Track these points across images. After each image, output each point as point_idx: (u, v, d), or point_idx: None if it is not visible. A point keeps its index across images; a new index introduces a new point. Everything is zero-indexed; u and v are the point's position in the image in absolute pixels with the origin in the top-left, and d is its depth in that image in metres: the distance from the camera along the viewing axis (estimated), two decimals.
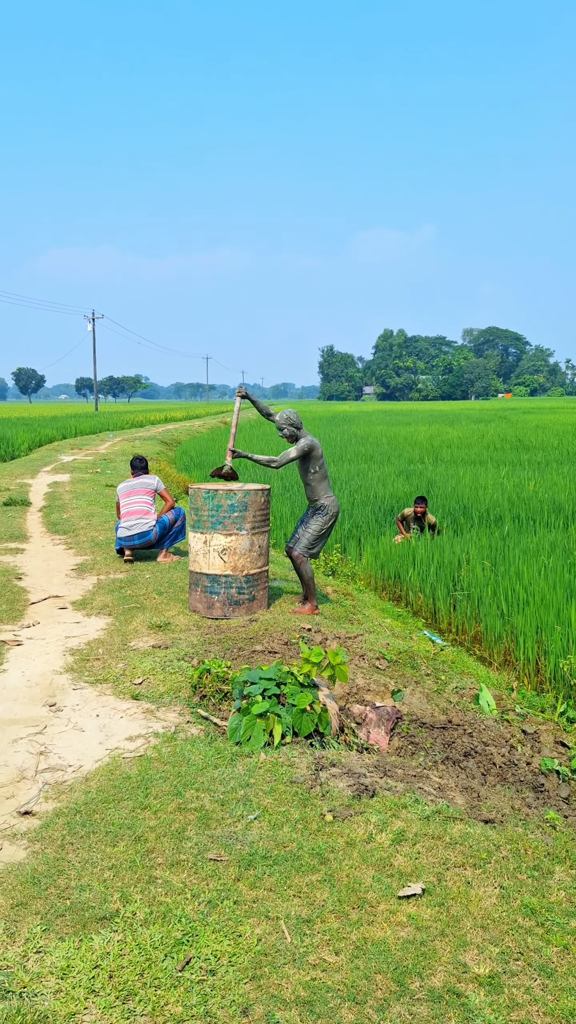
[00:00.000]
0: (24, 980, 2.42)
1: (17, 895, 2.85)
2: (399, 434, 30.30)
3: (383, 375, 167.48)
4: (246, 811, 3.41)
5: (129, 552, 8.47)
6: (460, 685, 5.68)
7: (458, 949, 2.57)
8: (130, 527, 8.36)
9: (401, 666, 5.69)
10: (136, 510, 8.41)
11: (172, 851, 3.11)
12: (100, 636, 6.09)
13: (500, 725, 5.04)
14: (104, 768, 3.88)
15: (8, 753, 4.11)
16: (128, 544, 8.41)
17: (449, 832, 3.27)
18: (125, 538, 8.39)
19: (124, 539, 8.40)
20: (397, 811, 3.44)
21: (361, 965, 2.48)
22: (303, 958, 2.51)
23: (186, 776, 3.74)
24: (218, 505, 6.41)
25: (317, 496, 6.73)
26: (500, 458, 20.27)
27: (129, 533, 8.36)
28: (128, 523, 8.37)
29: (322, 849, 3.12)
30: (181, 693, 4.94)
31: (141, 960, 2.49)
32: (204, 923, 2.67)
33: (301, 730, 4.26)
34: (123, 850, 3.12)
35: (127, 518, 8.40)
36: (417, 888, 2.86)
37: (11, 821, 3.43)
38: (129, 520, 8.38)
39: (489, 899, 2.83)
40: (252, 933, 2.62)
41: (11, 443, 25.11)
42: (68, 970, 2.45)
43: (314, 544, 6.73)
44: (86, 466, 19.86)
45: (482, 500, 13.01)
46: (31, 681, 5.15)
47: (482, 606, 8.05)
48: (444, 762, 4.58)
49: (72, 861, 3.06)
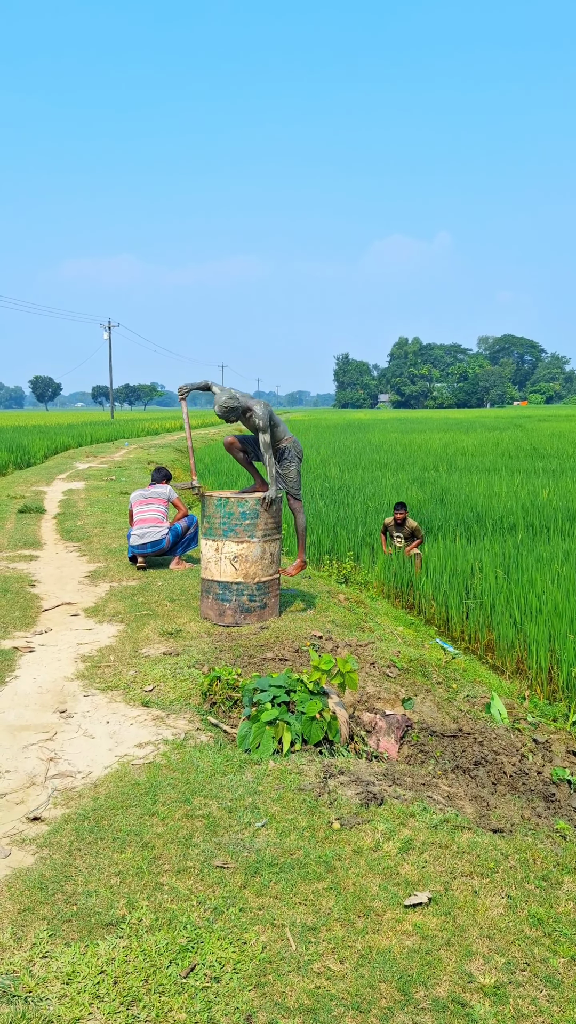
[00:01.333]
0: (29, 985, 2.43)
1: (24, 900, 2.86)
2: (413, 442, 30.26)
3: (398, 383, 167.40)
4: (253, 818, 3.42)
5: (142, 559, 8.51)
6: (472, 694, 5.67)
7: (464, 959, 2.56)
8: (142, 535, 8.41)
9: (412, 674, 5.68)
10: (149, 518, 8.46)
11: (179, 858, 3.12)
12: (112, 643, 6.12)
13: (511, 734, 5.02)
14: (113, 775, 3.90)
15: (19, 759, 4.13)
16: (140, 552, 8.45)
17: (457, 841, 3.26)
18: (138, 546, 8.43)
19: (136, 547, 8.44)
20: (405, 819, 3.43)
21: (366, 974, 2.48)
22: (308, 966, 2.51)
23: (194, 783, 3.75)
24: (230, 512, 6.43)
25: (279, 441, 6.84)
26: (515, 466, 20.20)
27: (142, 541, 8.41)
28: (140, 531, 8.42)
29: (329, 857, 3.12)
30: (191, 700, 4.95)
31: (146, 966, 2.50)
32: (209, 930, 2.67)
33: (310, 738, 4.26)
34: (130, 856, 3.13)
35: (140, 526, 8.45)
36: (423, 897, 2.85)
37: (20, 827, 3.45)
38: (142, 528, 8.43)
39: (496, 909, 2.82)
40: (257, 940, 2.62)
41: (27, 451, 25.27)
42: (73, 975, 2.46)
43: (299, 487, 6.96)
44: (101, 473, 19.96)
45: (496, 508, 12.96)
46: (42, 687, 5.18)
47: (495, 614, 8.02)
48: (454, 771, 4.56)
49: (79, 867, 3.07)
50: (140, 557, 8.50)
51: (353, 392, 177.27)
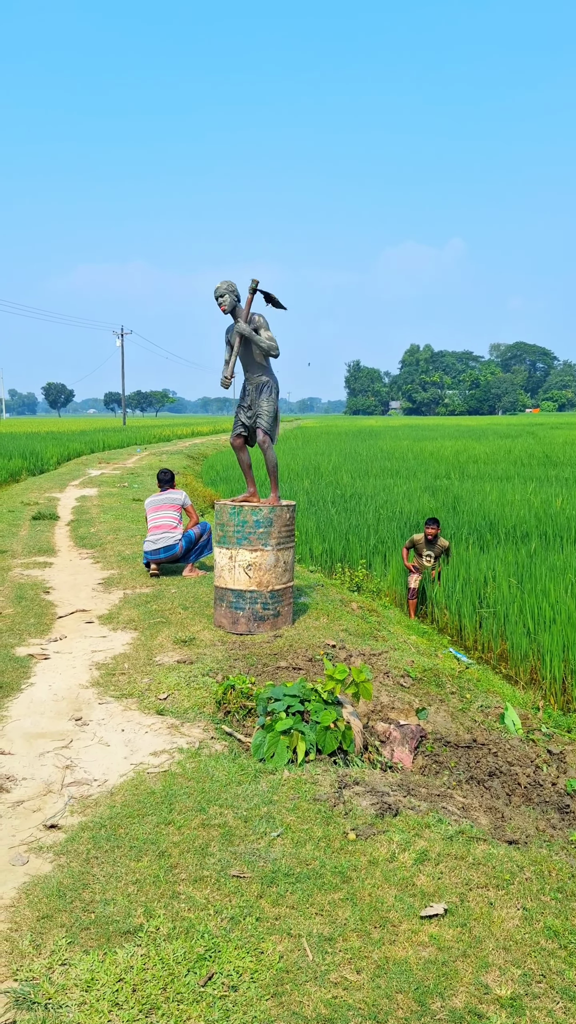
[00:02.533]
0: (49, 992, 2.45)
1: (43, 907, 2.89)
2: (425, 449, 30.24)
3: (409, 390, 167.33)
4: (269, 828, 3.43)
5: (155, 566, 8.55)
6: (485, 704, 5.66)
7: (480, 970, 2.56)
8: (156, 541, 8.45)
9: (426, 684, 5.69)
10: (162, 524, 8.50)
11: (195, 867, 3.14)
12: (126, 651, 6.15)
13: (525, 745, 5.02)
14: (129, 783, 3.92)
15: (35, 767, 4.17)
16: (154, 558, 8.49)
17: (472, 852, 3.26)
18: (151, 552, 8.47)
19: (150, 553, 8.49)
20: (420, 830, 3.44)
21: (382, 984, 2.49)
22: (324, 976, 2.52)
23: (210, 792, 3.76)
24: (244, 521, 6.46)
25: (263, 371, 6.77)
26: (527, 474, 20.16)
27: (155, 547, 8.45)
28: (154, 537, 8.47)
29: (344, 867, 3.13)
30: (205, 709, 4.97)
31: (164, 975, 2.52)
32: (227, 939, 2.69)
33: (325, 748, 4.27)
34: (147, 865, 3.15)
35: (153, 532, 8.50)
36: (439, 908, 2.86)
37: (37, 834, 3.48)
38: (155, 534, 8.48)
39: (512, 920, 2.82)
40: (274, 950, 2.64)
41: (40, 457, 25.41)
42: (92, 983, 2.48)
43: (275, 426, 6.85)
44: (113, 480, 20.05)
45: (509, 516, 12.94)
46: (58, 695, 5.21)
47: (508, 624, 8.01)
48: (468, 781, 4.57)
49: (97, 875, 3.09)
50: (154, 563, 8.54)
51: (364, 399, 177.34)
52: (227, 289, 6.51)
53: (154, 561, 8.53)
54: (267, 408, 6.75)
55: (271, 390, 6.77)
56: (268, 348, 6.55)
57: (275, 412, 6.81)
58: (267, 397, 6.75)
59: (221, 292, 6.51)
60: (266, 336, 6.56)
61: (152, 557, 8.50)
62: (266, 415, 6.75)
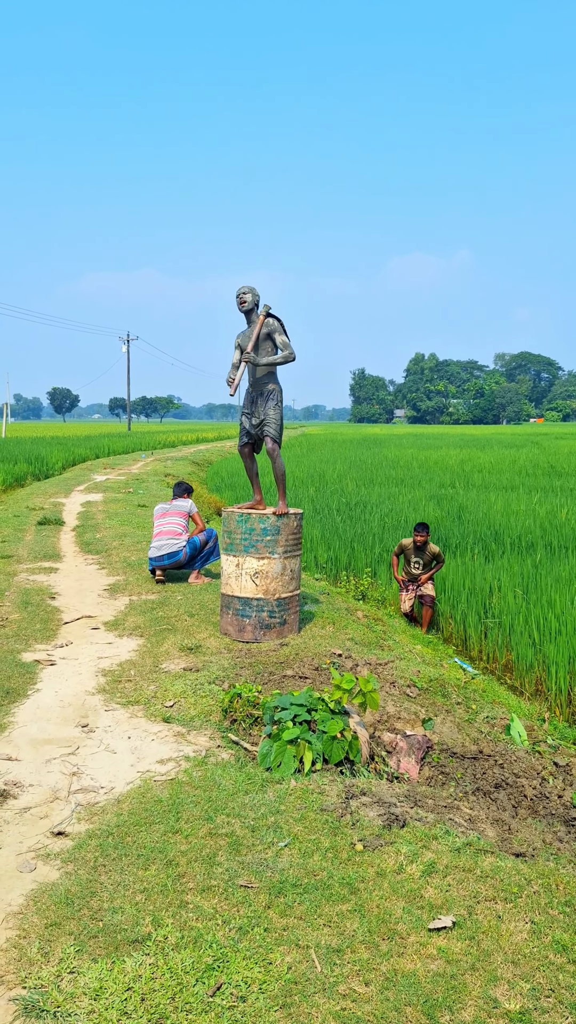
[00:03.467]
0: (58, 1000, 2.45)
1: (51, 915, 2.89)
2: (430, 458, 30.24)
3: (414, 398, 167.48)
4: (276, 838, 3.43)
5: (160, 572, 8.56)
6: (491, 715, 5.66)
7: (489, 983, 2.56)
8: (160, 547, 8.47)
9: (432, 694, 5.69)
10: (167, 531, 8.53)
11: (203, 876, 3.14)
12: (132, 657, 6.15)
13: (531, 757, 5.01)
14: (136, 791, 3.92)
15: (41, 773, 4.17)
16: (158, 564, 8.50)
17: (480, 865, 3.26)
18: (155, 558, 8.49)
19: (155, 559, 8.50)
20: (428, 842, 3.43)
21: (391, 997, 2.49)
22: (333, 988, 2.52)
23: (217, 801, 3.76)
24: (251, 528, 6.47)
25: (270, 378, 6.82)
26: (532, 484, 20.15)
27: (159, 553, 8.47)
28: (159, 543, 8.49)
29: (352, 879, 3.13)
30: (212, 717, 4.97)
31: (173, 984, 2.51)
32: (235, 949, 2.69)
33: (331, 757, 4.27)
34: (155, 874, 3.15)
35: (158, 538, 8.53)
36: (447, 921, 2.85)
37: (45, 841, 3.48)
38: (160, 540, 8.50)
39: (520, 934, 2.82)
40: (282, 961, 2.64)
41: (45, 462, 25.46)
42: (101, 992, 2.48)
43: (281, 433, 6.90)
44: (119, 486, 20.08)
45: (514, 526, 12.94)
46: (64, 701, 5.22)
47: (513, 634, 8.00)
48: (475, 793, 4.56)
49: (104, 883, 3.10)
50: (159, 570, 8.55)
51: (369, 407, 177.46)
52: (250, 290, 6.70)
53: (159, 567, 8.54)
54: (273, 416, 6.77)
55: (277, 397, 6.80)
56: (284, 361, 6.61)
57: (281, 420, 6.84)
58: (273, 405, 6.78)
59: (245, 291, 6.68)
60: (280, 342, 6.60)
61: (157, 564, 8.51)
62: (272, 423, 6.78)
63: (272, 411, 6.77)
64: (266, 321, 6.60)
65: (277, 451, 6.81)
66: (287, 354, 6.62)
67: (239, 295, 6.68)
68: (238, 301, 6.68)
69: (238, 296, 6.68)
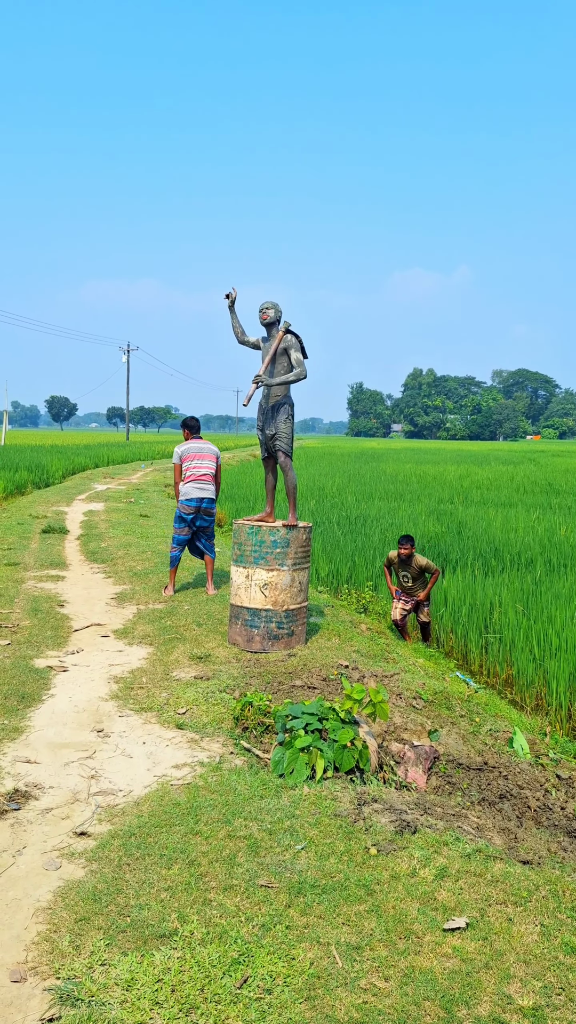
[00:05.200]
0: (92, 990, 2.57)
1: (80, 910, 3.00)
2: (428, 473, 30.44)
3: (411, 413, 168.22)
4: (293, 841, 3.55)
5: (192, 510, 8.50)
6: (494, 728, 5.78)
7: (502, 981, 2.68)
8: (202, 488, 8.46)
9: (437, 706, 5.81)
10: (205, 475, 8.52)
11: (224, 876, 3.25)
12: (142, 665, 6.27)
13: (535, 769, 5.13)
14: (154, 794, 4.04)
15: (61, 776, 4.28)
16: (200, 505, 8.46)
17: (490, 870, 3.38)
18: (197, 499, 8.44)
19: (195, 499, 8.44)
20: (439, 848, 3.55)
21: (410, 992, 2.60)
22: (354, 982, 2.64)
23: (233, 805, 3.88)
24: (261, 540, 6.60)
25: (287, 391, 6.99)
26: (530, 501, 20.33)
27: (202, 495, 8.45)
28: (200, 485, 8.47)
29: (368, 881, 3.25)
30: (224, 724, 5.09)
31: (201, 976, 2.63)
32: (259, 945, 2.80)
33: (342, 765, 4.39)
34: (178, 872, 3.27)
35: (199, 480, 8.48)
36: (461, 922, 2.97)
37: (68, 841, 3.59)
38: (201, 483, 8.48)
39: (531, 936, 2.94)
40: (305, 957, 2.76)
41: (46, 470, 25.57)
42: (132, 983, 2.60)
43: (292, 446, 7.05)
44: (120, 495, 20.20)
45: (513, 543, 13.09)
46: (78, 707, 5.33)
47: (514, 650, 8.13)
48: (480, 803, 4.68)
49: (129, 881, 3.21)
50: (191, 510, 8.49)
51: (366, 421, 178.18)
52: (273, 305, 6.89)
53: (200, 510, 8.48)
54: (285, 430, 6.93)
55: (288, 411, 6.95)
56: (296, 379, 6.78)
57: (292, 433, 6.99)
58: (284, 419, 6.93)
59: (268, 306, 6.88)
60: (294, 359, 6.76)
61: (197, 505, 8.45)
62: (284, 437, 6.93)
63: (283, 425, 6.92)
64: (284, 337, 6.76)
65: (289, 464, 6.96)
66: (299, 372, 6.77)
67: (262, 309, 6.86)
68: (260, 315, 6.85)
69: (261, 310, 6.86)
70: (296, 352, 6.77)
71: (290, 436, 6.95)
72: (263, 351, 6.90)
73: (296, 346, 6.79)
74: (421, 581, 8.96)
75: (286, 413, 6.93)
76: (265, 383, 6.74)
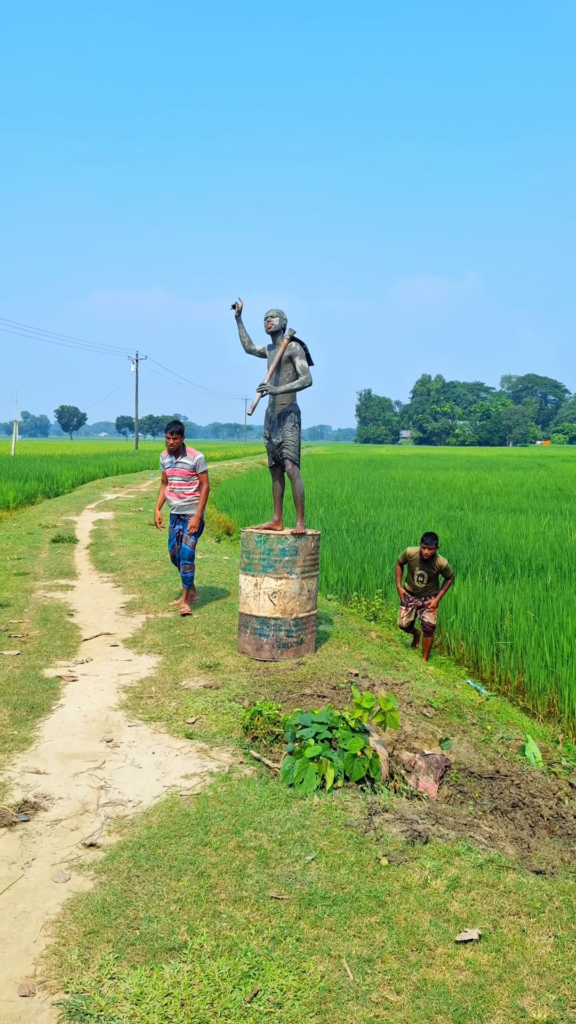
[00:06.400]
0: (100, 1004, 2.54)
1: (89, 923, 2.98)
2: (437, 479, 30.38)
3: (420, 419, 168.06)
4: (303, 852, 3.52)
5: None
6: (506, 736, 5.74)
7: (516, 994, 2.64)
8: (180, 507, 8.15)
9: (448, 714, 5.77)
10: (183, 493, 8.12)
11: (234, 887, 3.23)
12: (152, 674, 6.25)
13: (547, 777, 5.08)
14: (163, 804, 4.02)
15: (70, 786, 4.26)
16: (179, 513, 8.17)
17: (503, 881, 3.34)
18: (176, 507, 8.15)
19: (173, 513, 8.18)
20: (451, 858, 3.52)
21: (422, 1005, 2.57)
22: (366, 996, 2.61)
23: (243, 815, 3.86)
24: (270, 548, 6.59)
25: (293, 399, 6.98)
26: (541, 507, 20.25)
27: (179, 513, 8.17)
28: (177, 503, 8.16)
29: (379, 892, 3.21)
30: (233, 734, 5.07)
31: (211, 990, 2.60)
32: (269, 958, 2.78)
33: (352, 775, 4.36)
34: (187, 884, 3.25)
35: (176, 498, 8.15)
36: (474, 933, 2.94)
37: (77, 852, 3.58)
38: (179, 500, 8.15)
39: (544, 947, 2.90)
40: (315, 970, 2.73)
41: (56, 480, 25.66)
42: (142, 997, 2.57)
43: (299, 453, 7.04)
44: (129, 504, 20.23)
45: (524, 549, 13.03)
46: (87, 717, 5.32)
47: (526, 657, 8.08)
48: (492, 812, 4.64)
49: (139, 893, 3.19)
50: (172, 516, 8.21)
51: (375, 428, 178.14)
52: (277, 313, 6.88)
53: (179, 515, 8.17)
54: (291, 438, 6.92)
55: (294, 419, 6.94)
56: (301, 387, 6.76)
57: (299, 441, 6.99)
58: (291, 427, 6.92)
59: (272, 314, 6.87)
60: (299, 367, 6.75)
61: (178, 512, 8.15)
62: (291, 445, 6.92)
63: (290, 433, 6.91)
64: (289, 345, 6.76)
65: (297, 472, 6.95)
66: (303, 379, 6.77)
67: (267, 317, 6.86)
68: (265, 323, 6.84)
69: (266, 318, 6.85)
70: (301, 360, 6.76)
71: (297, 444, 6.95)
72: (268, 359, 6.90)
73: (301, 353, 6.78)
74: (434, 584, 8.40)
75: (292, 421, 6.92)
76: (270, 391, 6.75)
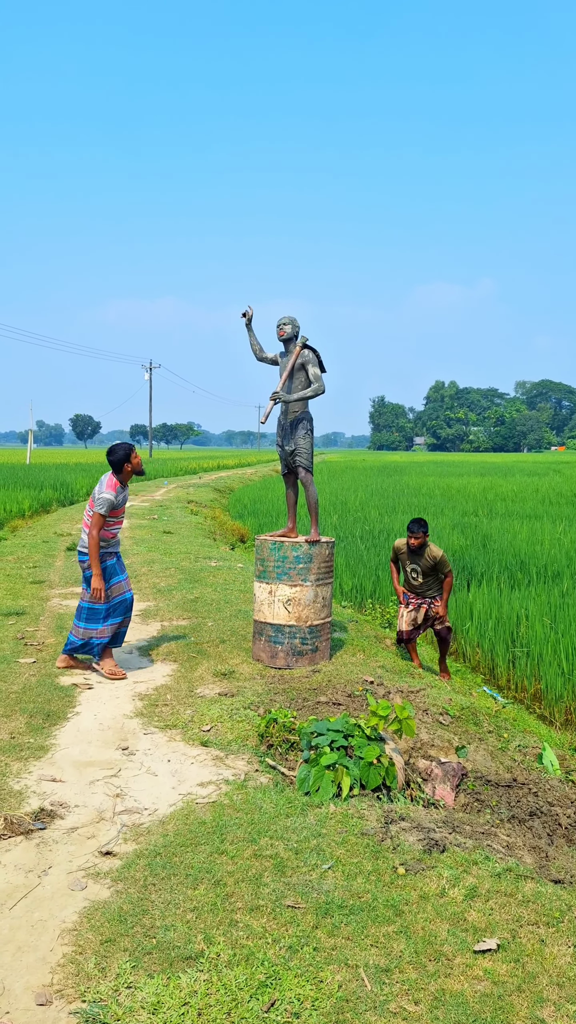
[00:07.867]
0: (118, 1013, 2.54)
1: (105, 932, 2.98)
2: (452, 486, 30.29)
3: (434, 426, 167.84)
4: (320, 860, 3.51)
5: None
6: (523, 743, 5.70)
7: (535, 1005, 2.62)
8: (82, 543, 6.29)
9: (464, 722, 5.74)
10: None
11: (251, 896, 3.22)
12: (167, 682, 6.25)
13: (565, 785, 5.05)
14: (179, 812, 4.01)
15: (86, 794, 4.27)
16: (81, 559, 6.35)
17: (521, 890, 3.31)
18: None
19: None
20: (468, 867, 3.49)
21: (440, 1015, 2.55)
22: (384, 1006, 2.59)
23: (259, 824, 3.85)
24: (284, 556, 6.58)
25: (301, 406, 6.97)
26: (556, 513, 20.14)
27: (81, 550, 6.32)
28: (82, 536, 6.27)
29: (396, 901, 3.19)
30: (248, 741, 5.06)
31: (228, 1000, 2.59)
32: (286, 967, 2.76)
33: (368, 783, 4.34)
34: (203, 893, 3.24)
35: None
36: (492, 943, 2.91)
37: (93, 860, 3.58)
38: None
39: (564, 957, 2.87)
40: (333, 979, 2.71)
41: (70, 488, 25.78)
42: (159, 1006, 2.57)
43: (312, 460, 7.03)
44: (143, 512, 20.28)
45: (540, 555, 12.96)
46: (103, 724, 5.32)
47: (542, 664, 8.03)
48: (510, 820, 4.60)
49: (155, 901, 3.18)
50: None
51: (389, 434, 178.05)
52: (290, 320, 6.89)
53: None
54: (304, 445, 6.92)
55: (307, 427, 6.94)
56: (314, 395, 6.76)
57: (312, 448, 6.98)
58: (303, 434, 6.92)
59: (285, 322, 6.88)
60: (312, 374, 6.74)
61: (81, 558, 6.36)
62: (304, 453, 6.92)
63: (303, 440, 6.91)
64: (302, 352, 6.76)
65: (310, 480, 6.95)
66: (316, 387, 6.77)
67: (279, 325, 6.87)
68: (277, 331, 6.85)
69: (278, 326, 6.87)
70: (314, 367, 6.77)
71: (310, 451, 6.94)
72: (280, 367, 6.91)
73: (313, 361, 6.78)
74: (434, 579, 7.45)
75: (305, 428, 6.92)
76: (283, 399, 6.75)
